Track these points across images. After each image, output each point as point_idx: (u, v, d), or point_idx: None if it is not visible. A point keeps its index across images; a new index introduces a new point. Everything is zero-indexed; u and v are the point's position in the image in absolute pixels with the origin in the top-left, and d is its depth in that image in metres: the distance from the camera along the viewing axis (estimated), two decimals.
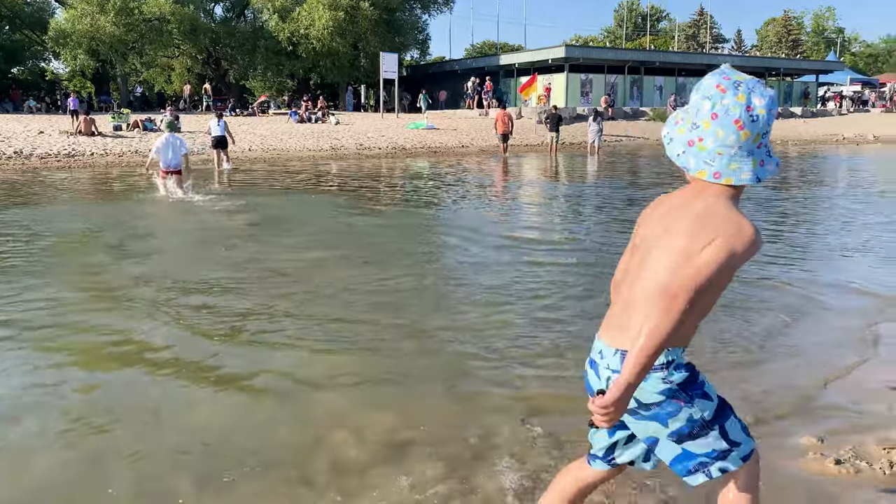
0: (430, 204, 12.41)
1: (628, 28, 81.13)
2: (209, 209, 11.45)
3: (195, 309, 5.46)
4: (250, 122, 31.40)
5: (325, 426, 3.44)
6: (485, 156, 25.12)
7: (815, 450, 3.10)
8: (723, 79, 1.74)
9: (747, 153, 1.73)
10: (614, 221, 10.11)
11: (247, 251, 7.72)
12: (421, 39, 50.56)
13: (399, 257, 7.51)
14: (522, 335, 4.78)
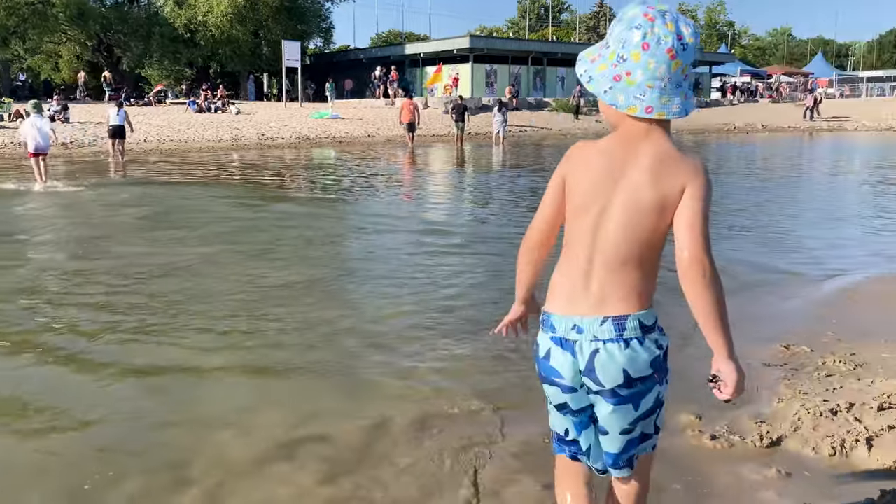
0: (334, 194, 12.25)
1: (531, 19, 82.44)
2: (101, 201, 10.93)
3: (73, 306, 5.18)
4: (146, 112, 30.13)
5: (210, 425, 3.32)
6: (391, 145, 25.01)
7: (694, 427, 3.21)
8: (648, 8, 1.64)
9: (676, 85, 1.66)
10: (517, 209, 10.24)
11: (137, 245, 7.40)
12: (324, 27, 49.85)
13: (297, 249, 7.36)
14: (419, 324, 4.76)
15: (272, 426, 3.29)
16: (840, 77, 64.43)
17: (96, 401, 3.60)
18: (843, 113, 41.81)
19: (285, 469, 2.91)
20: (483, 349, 4.25)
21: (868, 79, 63.34)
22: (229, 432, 3.24)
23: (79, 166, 17.21)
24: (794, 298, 5.47)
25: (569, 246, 1.76)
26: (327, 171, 16.76)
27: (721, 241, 7.82)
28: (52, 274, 6.23)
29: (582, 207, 1.71)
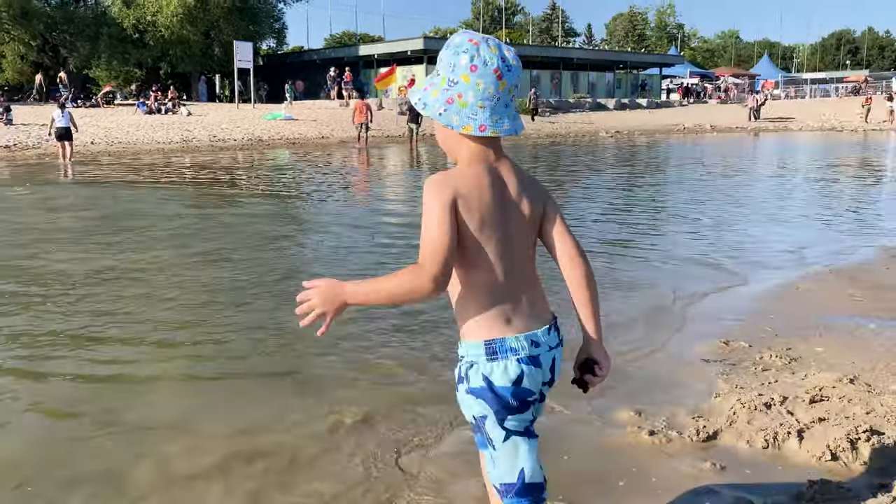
0: (285, 196, 12.14)
1: (485, 21, 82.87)
2: (42, 205, 10.67)
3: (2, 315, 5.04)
4: (94, 114, 29.49)
5: (151, 437, 3.27)
6: (345, 147, 24.89)
7: (634, 423, 3.27)
8: (472, 34, 1.73)
9: (505, 105, 1.71)
10: None
11: (80, 250, 7.23)
12: (277, 28, 49.46)
13: (246, 253, 7.28)
14: (369, 331, 4.75)
15: (212, 435, 3.25)
16: (785, 79, 66.26)
17: (17, 411, 3.52)
18: (789, 113, 42.97)
19: (221, 478, 2.88)
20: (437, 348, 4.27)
21: (812, 80, 65.25)
22: (168, 442, 3.20)
23: (23, 169, 16.77)
24: (733, 294, 5.61)
25: (480, 273, 1.72)
26: (279, 172, 16.60)
27: (664, 237, 7.98)
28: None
29: (493, 237, 1.71)
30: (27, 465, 2.98)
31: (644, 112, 44.89)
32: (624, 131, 35.18)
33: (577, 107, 43.91)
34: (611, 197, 11.84)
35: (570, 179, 14.44)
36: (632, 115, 42.70)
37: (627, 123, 38.34)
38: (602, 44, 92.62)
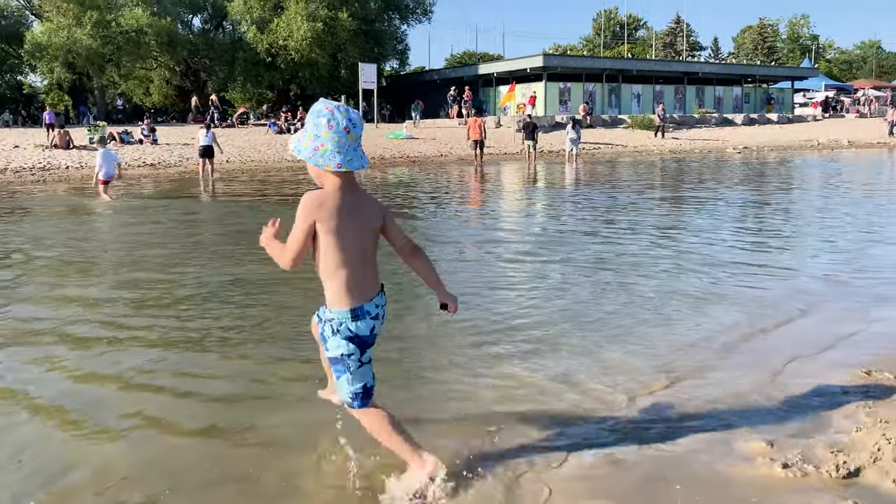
0: (405, 211, 12.39)
1: (606, 37, 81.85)
2: (184, 218, 11.37)
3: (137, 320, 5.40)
4: (229, 134, 31.27)
5: (280, 451, 3.39)
6: (463, 164, 25.18)
7: (765, 454, 3.10)
8: (328, 104, 2.63)
9: (353, 149, 2.63)
10: (588, 223, 10.13)
11: (216, 259, 7.65)
12: (400, 49, 50.78)
13: None
14: (475, 354, 4.75)
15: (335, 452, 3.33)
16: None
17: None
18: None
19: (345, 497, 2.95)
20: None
21: None
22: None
23: (164, 185, 17.97)
24: (874, 320, 5.23)
25: (341, 263, 2.65)
26: (399, 188, 16.98)
27: (796, 255, 7.55)
28: (129, 287, 6.51)
29: (346, 236, 2.64)
30: (158, 476, 3.17)
31: (774, 127, 42.87)
32: (753, 147, 33.71)
33: (702, 122, 42.49)
34: (738, 213, 11.35)
35: (698, 195, 13.97)
36: (761, 131, 40.88)
37: (756, 139, 36.73)
38: (729, 57, 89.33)
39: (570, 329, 5.04)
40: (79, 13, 39.64)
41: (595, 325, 5.14)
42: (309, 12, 41.13)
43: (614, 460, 3.10)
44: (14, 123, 39.55)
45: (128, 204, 13.84)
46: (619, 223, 10.38)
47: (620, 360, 4.38)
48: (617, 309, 5.55)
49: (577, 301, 5.81)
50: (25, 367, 4.41)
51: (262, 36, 42.61)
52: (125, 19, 40.01)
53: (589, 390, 3.90)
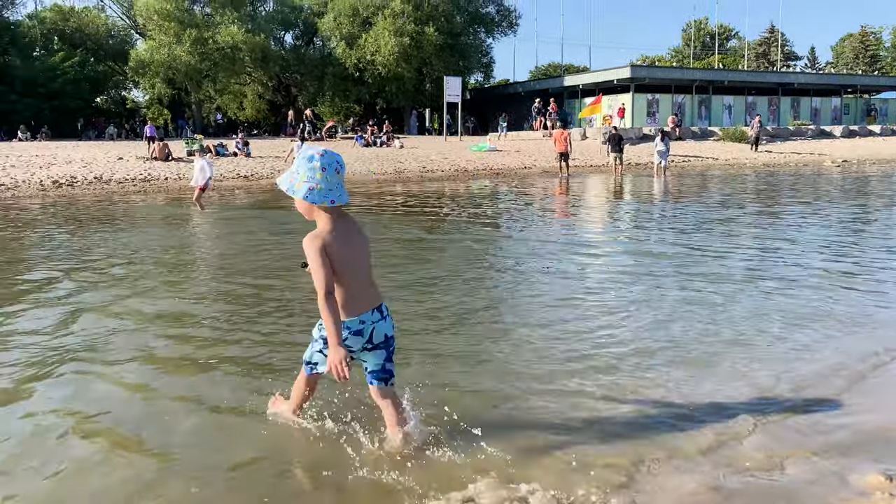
0: (483, 223, 12.38)
1: (696, 47, 79.96)
2: (276, 227, 11.71)
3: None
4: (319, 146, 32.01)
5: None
6: (547, 177, 25.01)
7: (884, 489, 2.93)
8: (318, 150, 3.05)
9: (340, 186, 3.06)
10: (677, 236, 9.85)
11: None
12: (485, 63, 51.00)
13: (454, 277, 7.48)
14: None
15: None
16: None
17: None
18: None
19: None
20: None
21: None
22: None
23: (257, 196, 18.55)
24: None
25: (349, 283, 3.11)
26: (483, 200, 16.99)
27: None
28: (227, 287, 6.72)
29: (348, 259, 3.08)
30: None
31: (877, 140, 40.84)
32: (853, 161, 32.21)
33: (797, 134, 40.91)
34: (837, 231, 10.83)
35: (795, 210, 13.42)
36: (862, 143, 39.04)
37: (857, 152, 35.10)
38: (827, 67, 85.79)
39: (690, 345, 4.89)
40: (179, 31, 41.57)
41: (706, 345, 4.97)
42: (396, 28, 41.86)
43: (717, 487, 2.98)
44: (118, 136, 41.72)
45: (224, 214, 14.37)
46: (715, 237, 10.07)
47: (734, 382, 4.22)
48: (713, 328, 5.36)
49: (693, 318, 5.65)
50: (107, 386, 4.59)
51: (351, 51, 43.61)
52: (221, 37, 41.68)
53: (698, 412, 3.77)
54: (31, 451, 3.43)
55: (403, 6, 42.20)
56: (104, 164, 24.06)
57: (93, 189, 20.37)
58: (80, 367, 4.65)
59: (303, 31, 49.57)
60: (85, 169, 22.76)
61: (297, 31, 49.76)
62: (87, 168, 22.95)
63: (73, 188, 20.31)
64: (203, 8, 45.15)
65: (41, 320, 5.86)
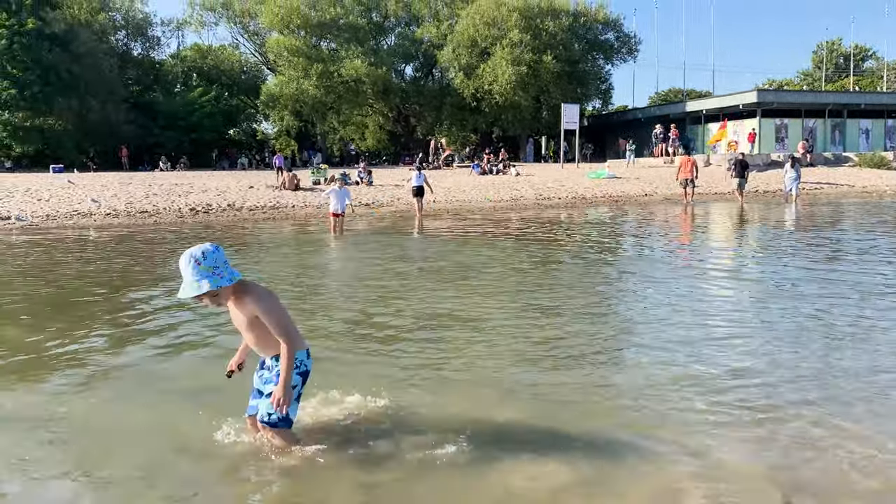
0: (607, 250, 12.18)
1: (828, 69, 76.10)
2: (399, 252, 12.00)
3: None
4: (436, 175, 32.63)
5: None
6: (668, 203, 24.36)
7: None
8: (203, 248, 3.46)
9: (217, 272, 3.41)
10: (809, 269, 9.34)
11: (429, 291, 7.96)
12: (603, 89, 50.44)
13: (575, 306, 7.40)
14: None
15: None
16: None
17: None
18: None
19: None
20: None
21: None
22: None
23: (378, 223, 19.09)
24: None
25: (290, 320, 3.68)
26: (604, 228, 16.74)
27: None
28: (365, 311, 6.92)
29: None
30: None
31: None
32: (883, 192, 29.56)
33: None
34: None
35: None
36: None
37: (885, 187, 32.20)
38: None
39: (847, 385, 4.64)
40: (306, 66, 43.64)
41: (861, 383, 4.70)
42: (514, 57, 42.18)
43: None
44: (249, 166, 44.11)
45: (348, 240, 14.85)
46: (860, 267, 9.48)
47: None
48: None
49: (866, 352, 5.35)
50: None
51: (469, 81, 44.27)
52: (346, 70, 43.39)
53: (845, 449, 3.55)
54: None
55: (521, 36, 42.49)
56: (236, 192, 25.44)
57: (226, 216, 21.56)
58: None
59: (422, 63, 50.82)
60: (219, 197, 24.14)
61: (416, 63, 51.07)
62: (221, 196, 24.33)
63: (209, 215, 21.59)
64: (329, 43, 47.18)
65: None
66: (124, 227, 18.33)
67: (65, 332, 6.54)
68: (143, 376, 5.17)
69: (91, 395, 4.74)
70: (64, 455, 3.82)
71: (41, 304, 8.11)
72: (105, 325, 6.91)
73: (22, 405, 4.55)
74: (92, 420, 4.30)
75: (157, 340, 6.19)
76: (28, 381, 5.10)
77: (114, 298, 8.34)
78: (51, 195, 23.25)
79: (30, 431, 4.10)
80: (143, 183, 27.14)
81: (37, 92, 38.76)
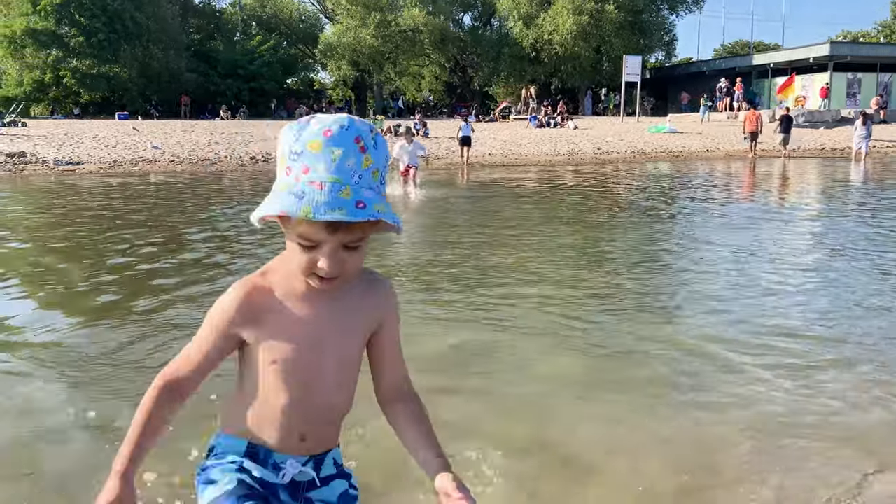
0: (659, 211, 12.01)
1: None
2: (445, 206, 12.07)
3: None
4: (491, 128, 32.39)
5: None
6: (731, 160, 23.76)
7: None
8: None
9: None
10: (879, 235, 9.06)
11: (468, 244, 8.02)
12: (667, 41, 48.99)
13: (626, 259, 7.37)
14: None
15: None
16: None
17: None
18: None
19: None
20: None
21: None
22: None
23: (434, 175, 19.15)
24: None
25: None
26: (668, 185, 16.46)
27: None
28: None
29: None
30: None
31: None
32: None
33: None
34: None
35: None
36: None
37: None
38: None
39: None
40: (364, 15, 43.46)
41: None
42: (576, 6, 41.19)
43: None
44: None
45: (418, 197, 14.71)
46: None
47: None
48: None
49: None
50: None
51: (528, 31, 43.48)
52: (404, 19, 43.09)
53: None
54: None
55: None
56: None
57: None
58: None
59: (481, 12, 50.03)
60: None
61: (475, 12, 50.31)
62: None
63: (268, 163, 21.95)
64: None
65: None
66: (187, 174, 18.75)
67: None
68: None
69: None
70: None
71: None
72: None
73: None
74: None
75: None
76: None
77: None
78: (117, 142, 23.91)
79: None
80: (204, 131, 27.67)
81: (103, 40, 39.58)
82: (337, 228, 1.34)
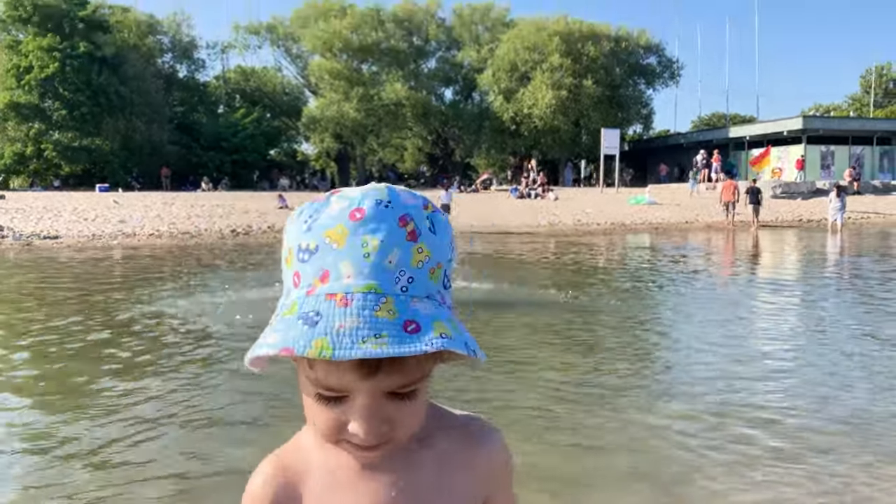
0: (644, 284, 11.94)
1: (877, 94, 74.58)
2: None
3: None
4: (473, 198, 32.61)
5: None
6: (711, 231, 23.93)
7: None
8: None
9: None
10: (857, 303, 9.00)
11: None
12: (644, 114, 50.23)
13: (600, 340, 7.21)
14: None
15: None
16: None
17: None
18: None
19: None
20: None
21: None
22: None
23: None
24: None
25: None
26: (642, 257, 16.47)
27: None
28: None
29: None
30: None
31: None
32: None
33: None
34: None
35: None
36: None
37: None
38: None
39: None
40: (347, 89, 44.25)
41: None
42: (554, 81, 42.22)
43: None
44: (290, 187, 44.68)
45: None
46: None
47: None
48: None
49: None
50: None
51: (508, 105, 44.41)
52: (386, 93, 43.89)
53: None
54: None
55: (562, 60, 42.52)
56: (275, 214, 25.69)
57: (266, 237, 21.74)
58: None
59: (462, 87, 51.12)
60: (259, 219, 24.38)
61: (456, 86, 51.41)
62: (262, 218, 24.57)
63: (249, 236, 21.80)
64: (370, 67, 47.84)
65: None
66: (165, 249, 18.54)
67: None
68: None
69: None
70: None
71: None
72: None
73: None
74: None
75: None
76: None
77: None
78: (96, 215, 23.74)
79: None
80: (185, 203, 27.60)
81: (86, 113, 39.94)
82: (375, 369, 0.82)
